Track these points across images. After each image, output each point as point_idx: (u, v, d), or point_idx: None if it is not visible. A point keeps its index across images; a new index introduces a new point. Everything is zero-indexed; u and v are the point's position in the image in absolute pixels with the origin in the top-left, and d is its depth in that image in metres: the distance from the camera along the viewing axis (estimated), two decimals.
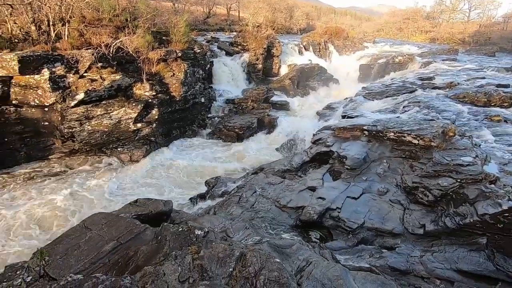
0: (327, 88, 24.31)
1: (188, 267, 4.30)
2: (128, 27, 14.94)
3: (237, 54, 22.37)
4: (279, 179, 9.10)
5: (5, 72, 10.52)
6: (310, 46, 30.27)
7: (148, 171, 11.83)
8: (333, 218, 7.03)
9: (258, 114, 16.76)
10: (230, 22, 37.35)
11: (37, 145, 11.59)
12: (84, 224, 6.00)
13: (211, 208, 7.88)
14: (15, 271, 3.86)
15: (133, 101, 12.58)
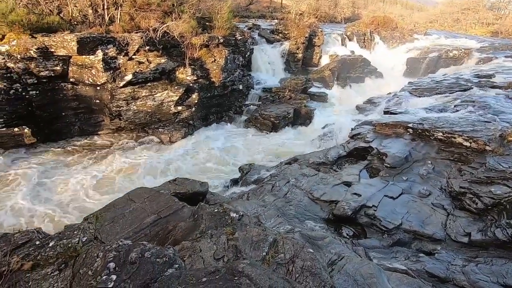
0: (370, 81, 23.17)
1: (223, 246, 4.47)
2: (175, 12, 15.36)
3: (277, 42, 22.04)
4: (313, 171, 9.00)
5: (65, 51, 11.45)
6: (354, 36, 28.86)
7: (185, 152, 12.32)
8: (368, 216, 6.83)
9: (294, 104, 16.53)
10: (272, 9, 36.76)
11: (89, 120, 12.61)
12: (128, 196, 6.47)
13: (244, 194, 8.05)
14: (73, 231, 4.31)
15: (175, 85, 13.06)
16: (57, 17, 12.96)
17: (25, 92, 11.04)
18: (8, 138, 10.70)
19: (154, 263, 3.13)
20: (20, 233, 4.42)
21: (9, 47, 10.80)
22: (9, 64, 10.83)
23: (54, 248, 3.92)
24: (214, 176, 11.02)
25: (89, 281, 3.03)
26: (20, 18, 11.13)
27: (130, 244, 3.38)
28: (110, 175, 10.37)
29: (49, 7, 13.51)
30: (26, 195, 8.94)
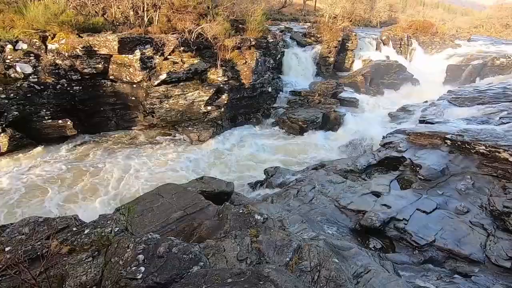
0: (405, 88, 22.15)
1: (247, 248, 4.47)
2: (210, 14, 15.77)
3: (309, 46, 21.81)
4: (340, 179, 8.76)
5: (107, 50, 12.16)
6: (389, 41, 27.77)
7: (212, 152, 12.55)
8: (398, 229, 6.50)
9: (324, 108, 16.23)
10: (305, 12, 36.49)
11: (124, 116, 13.29)
12: (157, 191, 6.69)
13: (268, 197, 8.02)
14: (106, 221, 4.54)
15: (207, 85, 13.37)
16: (102, 18, 13.83)
17: (70, 88, 11.87)
18: (53, 129, 11.57)
19: (180, 259, 3.20)
20: (60, 219, 4.74)
21: (58, 45, 11.69)
22: (58, 61, 11.72)
23: (89, 235, 4.15)
24: (239, 177, 11.10)
25: (120, 270, 3.16)
26: (70, 19, 12.00)
27: (158, 238, 3.49)
28: (141, 169, 10.82)
29: (95, 9, 14.47)
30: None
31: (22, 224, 4.46)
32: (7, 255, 3.78)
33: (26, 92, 10.93)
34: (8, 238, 4.18)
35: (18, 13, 11.89)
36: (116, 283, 2.99)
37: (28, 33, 11.56)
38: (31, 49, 11.51)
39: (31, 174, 9.99)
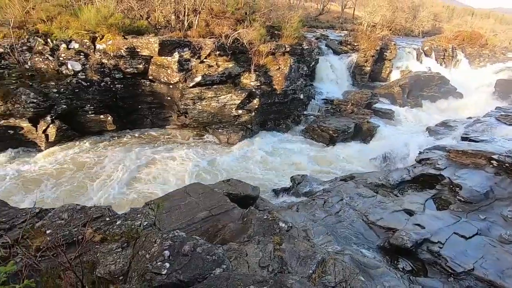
0: (446, 102, 20.85)
1: (269, 255, 4.41)
2: (247, 20, 16.06)
3: (344, 54, 21.37)
4: (370, 193, 8.40)
5: (148, 52, 12.83)
6: (432, 51, 26.37)
7: (240, 155, 12.66)
8: (432, 253, 6.05)
9: (356, 119, 15.73)
10: (343, 20, 35.85)
11: (159, 115, 13.89)
12: (185, 190, 6.86)
13: (294, 205, 7.88)
14: (136, 214, 4.73)
15: (239, 89, 13.56)
16: (146, 21, 14.64)
17: (113, 85, 12.67)
18: (95, 123, 12.40)
19: (204, 259, 3.23)
20: (95, 208, 5.02)
21: (105, 46, 12.55)
22: (104, 60, 12.57)
23: (120, 226, 4.35)
24: (265, 182, 11.06)
25: (146, 264, 3.26)
26: (117, 22, 12.86)
27: (184, 237, 3.55)
28: (171, 166, 11.20)
29: (140, 13, 15.37)
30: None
31: (62, 210, 4.79)
32: (47, 237, 4.08)
33: (74, 88, 11.84)
34: (50, 222, 4.50)
35: (73, 15, 12.96)
36: (141, 276, 3.08)
37: (80, 33, 12.55)
38: (82, 48, 12.47)
39: (73, 161, 10.77)
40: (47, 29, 12.31)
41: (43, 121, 11.34)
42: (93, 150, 11.65)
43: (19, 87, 11.09)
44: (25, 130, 11.27)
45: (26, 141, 11.45)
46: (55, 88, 11.48)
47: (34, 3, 13.13)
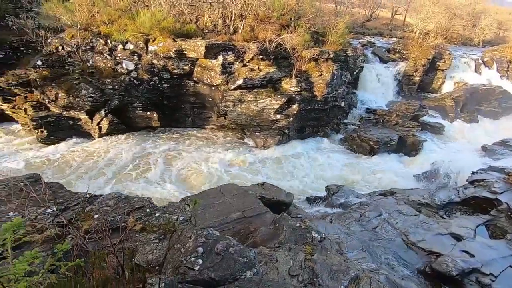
0: (508, 119, 18.78)
1: (300, 264, 4.32)
2: (291, 25, 16.06)
3: (392, 62, 20.32)
4: (412, 211, 7.84)
5: (195, 54, 13.42)
6: (494, 62, 23.93)
7: (275, 159, 12.65)
8: (482, 285, 5.45)
9: (401, 131, 14.83)
10: (392, 27, 34.20)
11: (200, 115, 14.43)
12: (220, 190, 7.01)
13: (328, 215, 7.64)
14: (174, 209, 4.96)
15: (279, 94, 13.57)
16: (194, 25, 15.34)
17: (160, 85, 13.46)
18: (142, 119, 13.27)
19: (236, 260, 3.26)
20: (137, 199, 5.36)
21: (157, 48, 13.39)
22: (154, 61, 13.42)
23: (158, 219, 4.58)
24: (298, 189, 10.90)
25: (180, 257, 3.38)
26: (169, 25, 13.66)
27: (218, 235, 3.62)
28: (208, 165, 11.55)
29: (190, 17, 16.17)
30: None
31: (109, 198, 5.18)
32: (95, 221, 4.43)
33: (126, 85, 12.80)
34: (97, 207, 4.90)
35: (131, 19, 14.05)
36: (176, 269, 3.20)
37: (136, 36, 13.55)
38: (136, 49, 13.45)
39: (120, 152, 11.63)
40: (108, 31, 13.50)
41: (98, 114, 12.44)
42: (138, 144, 12.47)
43: (80, 83, 12.29)
44: (82, 121, 12.45)
45: (82, 131, 12.64)
46: (110, 85, 12.53)
47: (99, 7, 14.49)
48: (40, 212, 4.58)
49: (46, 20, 14.41)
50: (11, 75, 12.43)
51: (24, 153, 11.19)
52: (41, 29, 13.57)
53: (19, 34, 14.14)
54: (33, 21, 15.10)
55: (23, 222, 2.03)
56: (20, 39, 14.18)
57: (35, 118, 11.80)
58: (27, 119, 12.04)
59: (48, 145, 11.84)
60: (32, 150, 11.46)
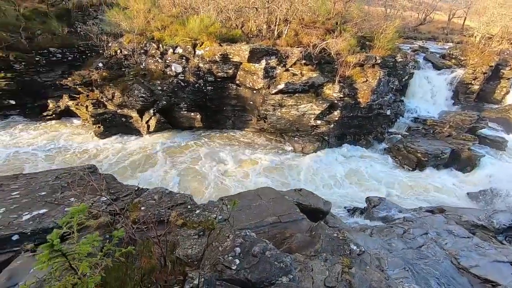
0: None
1: (336, 276, 4.17)
2: (337, 30, 15.71)
3: (447, 69, 18.77)
4: (465, 232, 7.13)
5: (239, 58, 13.76)
6: None
7: (313, 165, 12.39)
8: None
9: (454, 144, 13.60)
10: (448, 31, 31.66)
11: (241, 117, 14.73)
12: (257, 192, 7.06)
13: (367, 228, 7.28)
14: (213, 207, 5.12)
15: (321, 99, 13.32)
16: (239, 30, 15.76)
17: (204, 87, 14.02)
18: (186, 119, 13.94)
19: (272, 264, 3.26)
20: (179, 195, 5.63)
21: (203, 52, 13.99)
22: (200, 64, 14.03)
23: (198, 216, 4.76)
24: (336, 198, 10.55)
25: (218, 255, 3.48)
26: (216, 30, 14.21)
27: (255, 238, 3.65)
28: (244, 167, 11.73)
29: (235, 23, 16.66)
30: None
31: (154, 192, 5.52)
32: (141, 213, 4.75)
33: (174, 87, 13.56)
34: (144, 200, 5.24)
35: (182, 24, 14.89)
36: (213, 266, 3.30)
37: (185, 40, 14.32)
38: (184, 53, 14.20)
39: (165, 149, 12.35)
40: (160, 36, 14.46)
41: (147, 113, 13.35)
42: (181, 142, 13.13)
43: (134, 84, 13.31)
44: (133, 119, 13.45)
45: (133, 128, 13.65)
46: (159, 86, 13.38)
47: (154, 14, 15.61)
48: (95, 200, 5.03)
49: (108, 26, 15.94)
50: (76, 75, 13.93)
51: (84, 145, 12.42)
52: (103, 34, 15.03)
53: (85, 39, 15.82)
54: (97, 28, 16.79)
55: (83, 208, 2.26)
56: (86, 44, 15.87)
57: (94, 114, 13.05)
58: (87, 115, 13.36)
59: (103, 139, 13.00)
60: (90, 143, 12.67)
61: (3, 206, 5.08)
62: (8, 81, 13.83)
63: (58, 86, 14.82)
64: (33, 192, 5.70)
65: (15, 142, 12.20)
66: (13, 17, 15.27)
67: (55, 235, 1.76)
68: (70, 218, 2.09)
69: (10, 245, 4.35)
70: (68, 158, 11.39)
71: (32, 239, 4.44)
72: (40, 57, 14.80)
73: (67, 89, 14.52)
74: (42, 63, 14.83)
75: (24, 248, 4.18)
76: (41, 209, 4.99)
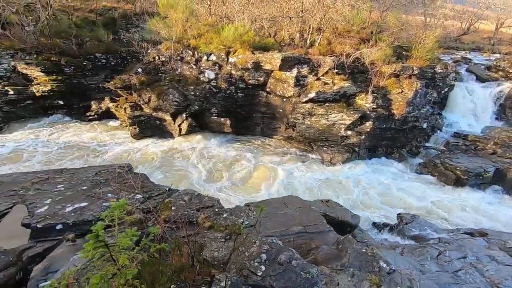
0: None
1: None
2: (372, 39, 15.35)
3: (492, 82, 17.47)
4: (510, 259, 6.51)
5: (270, 66, 13.92)
6: None
7: (341, 177, 12.07)
8: None
9: (499, 162, 12.56)
10: (496, 41, 29.60)
11: (269, 125, 14.81)
12: (283, 200, 7.04)
13: (398, 246, 6.91)
14: (240, 212, 5.18)
15: (352, 109, 13.02)
16: (272, 39, 15.97)
17: (235, 94, 14.31)
18: (216, 124, 14.30)
19: (298, 274, 3.22)
20: (207, 197, 5.77)
21: (236, 59, 14.34)
22: (233, 71, 14.38)
23: (225, 220, 4.84)
24: (364, 212, 10.14)
25: (244, 260, 3.50)
26: (249, 39, 14.53)
27: (281, 246, 3.64)
28: (271, 174, 11.72)
29: (269, 31, 16.91)
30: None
31: (184, 193, 5.71)
32: (172, 213, 4.93)
33: (206, 93, 14.01)
34: (175, 200, 5.44)
35: (216, 33, 15.42)
36: (239, 270, 3.33)
37: (219, 48, 14.79)
38: (218, 60, 14.65)
39: (195, 152, 12.76)
40: (196, 44, 15.07)
41: (180, 117, 13.89)
42: (211, 146, 13.49)
43: (169, 88, 13.96)
44: (166, 122, 14.06)
45: (165, 131, 14.26)
46: (192, 92, 13.90)
47: (191, 23, 16.33)
48: (130, 197, 5.31)
49: (148, 34, 16.95)
50: (118, 79, 14.91)
51: (120, 145, 13.19)
52: (144, 41, 16.00)
53: (127, 45, 16.95)
54: (138, 35, 17.91)
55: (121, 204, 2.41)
56: (127, 50, 16.99)
57: (131, 117, 13.83)
58: (125, 116, 14.20)
59: (138, 140, 13.71)
60: (126, 143, 13.43)
61: (50, 197, 5.54)
62: (59, 83, 15.16)
63: (101, 88, 15.98)
64: (75, 186, 6.16)
65: (60, 139, 13.27)
66: (66, 26, 16.78)
67: (100, 226, 1.90)
68: (112, 212, 2.24)
69: (54, 233, 4.72)
70: (106, 156, 12.14)
71: (73, 230, 4.78)
72: (87, 61, 16.08)
73: (109, 92, 15.59)
74: (88, 67, 16.09)
75: (66, 237, 4.51)
76: (82, 202, 5.37)
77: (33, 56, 14.88)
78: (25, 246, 4.53)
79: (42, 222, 4.87)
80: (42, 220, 4.90)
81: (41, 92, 14.88)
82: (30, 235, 4.77)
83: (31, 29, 15.38)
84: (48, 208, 5.23)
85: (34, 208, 5.24)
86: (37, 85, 14.86)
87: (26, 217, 5.02)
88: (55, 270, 4.22)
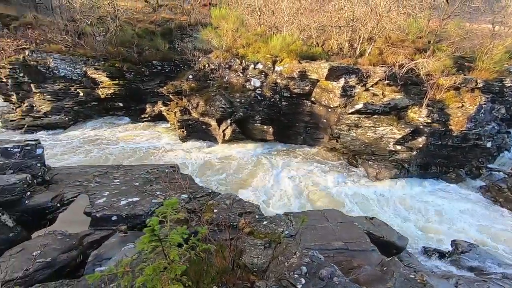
0: None
1: None
2: (429, 49, 14.35)
3: None
4: None
5: (316, 76, 13.76)
6: None
7: (387, 194, 11.34)
8: None
9: None
10: None
11: (312, 135, 14.58)
12: (324, 213, 6.82)
13: (452, 276, 6.24)
14: (279, 221, 5.14)
15: (403, 123, 12.21)
16: (320, 48, 15.80)
17: (280, 102, 14.39)
18: (258, 132, 14.49)
19: None
20: (248, 203, 5.84)
21: (282, 68, 14.45)
22: (278, 80, 14.51)
23: (265, 227, 4.85)
24: (412, 235, 9.35)
25: (283, 270, 3.46)
26: (296, 48, 14.56)
27: (323, 260, 3.52)
28: (312, 186, 11.46)
29: (317, 41, 16.78)
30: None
31: (226, 197, 5.85)
32: (214, 215, 5.08)
33: (251, 100, 14.30)
34: (217, 203, 5.61)
35: (264, 42, 15.75)
36: (278, 280, 3.29)
37: (266, 57, 15.06)
38: (264, 69, 14.91)
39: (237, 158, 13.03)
40: (244, 53, 15.54)
41: (225, 123, 14.35)
42: (253, 153, 13.69)
43: (216, 95, 14.54)
44: (212, 127, 14.63)
45: (210, 135, 14.84)
46: (238, 99, 14.30)
47: (240, 33, 16.93)
48: (176, 196, 5.61)
49: (200, 43, 17.96)
50: (170, 85, 15.98)
51: (169, 146, 14.06)
52: (196, 50, 16.98)
53: (181, 54, 18.14)
54: (191, 44, 19.06)
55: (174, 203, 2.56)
56: (181, 58, 18.16)
57: (180, 120, 14.68)
58: (175, 120, 15.10)
59: (185, 142, 14.48)
60: (174, 145, 14.26)
61: (108, 190, 6.10)
62: (120, 87, 16.76)
63: (155, 93, 17.28)
64: (129, 181, 6.69)
65: (116, 137, 14.58)
66: (130, 36, 18.55)
67: (155, 221, 2.04)
68: (165, 209, 2.39)
69: (110, 224, 5.18)
70: (156, 156, 13.02)
71: (126, 222, 5.20)
72: (145, 68, 17.55)
73: (162, 96, 16.78)
74: (146, 73, 17.54)
75: (119, 228, 4.91)
76: (134, 197, 5.82)
77: (101, 63, 16.71)
78: (85, 232, 5.04)
79: (100, 212, 5.38)
80: (101, 210, 5.41)
81: (105, 94, 16.59)
82: (90, 223, 5.29)
83: (101, 39, 17.32)
84: (106, 200, 5.76)
85: (94, 199, 5.82)
86: (102, 88, 16.62)
87: (87, 206, 5.59)
88: (108, 257, 4.61)
